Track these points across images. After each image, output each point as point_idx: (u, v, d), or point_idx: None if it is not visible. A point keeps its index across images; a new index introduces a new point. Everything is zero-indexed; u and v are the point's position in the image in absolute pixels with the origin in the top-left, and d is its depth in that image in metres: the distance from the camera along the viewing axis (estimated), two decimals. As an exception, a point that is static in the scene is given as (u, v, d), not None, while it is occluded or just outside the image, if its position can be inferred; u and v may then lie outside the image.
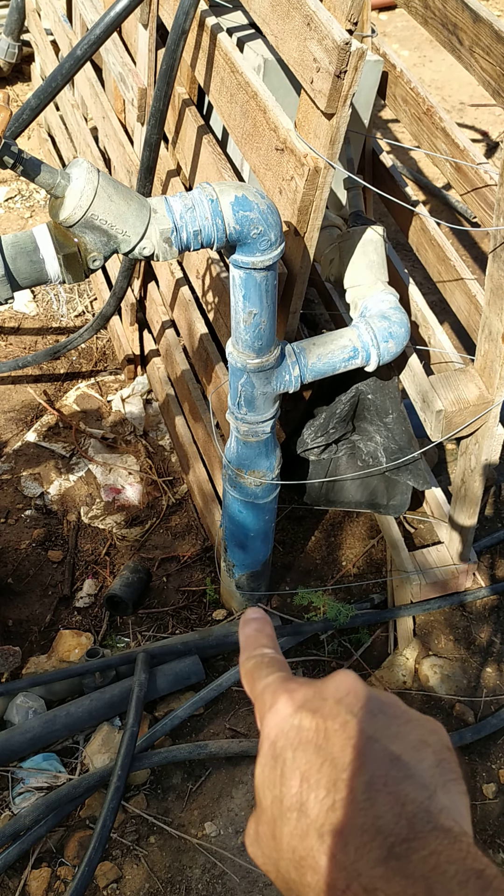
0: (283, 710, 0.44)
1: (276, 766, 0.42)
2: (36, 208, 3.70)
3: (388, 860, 0.36)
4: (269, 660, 0.51)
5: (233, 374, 1.71)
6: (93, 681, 2.04)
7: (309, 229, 1.65)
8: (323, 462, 2.08)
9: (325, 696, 0.43)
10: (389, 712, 0.42)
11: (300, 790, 0.40)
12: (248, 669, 0.51)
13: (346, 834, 0.37)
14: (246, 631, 0.54)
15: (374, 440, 2.05)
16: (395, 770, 0.38)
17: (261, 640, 0.53)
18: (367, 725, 0.41)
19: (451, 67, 4.95)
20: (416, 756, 0.40)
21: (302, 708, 0.43)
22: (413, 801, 0.37)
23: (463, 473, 2.09)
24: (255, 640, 0.53)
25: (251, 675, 0.50)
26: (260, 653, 0.52)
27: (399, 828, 0.36)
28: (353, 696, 0.43)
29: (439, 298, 2.60)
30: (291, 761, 0.41)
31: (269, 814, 0.42)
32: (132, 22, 2.33)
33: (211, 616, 2.30)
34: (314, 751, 0.41)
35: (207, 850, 1.85)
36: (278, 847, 0.41)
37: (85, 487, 2.64)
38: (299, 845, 0.39)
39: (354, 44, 1.35)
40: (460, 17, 1.64)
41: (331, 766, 0.39)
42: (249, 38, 2.05)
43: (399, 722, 0.42)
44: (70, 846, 1.85)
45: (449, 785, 0.39)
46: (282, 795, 0.41)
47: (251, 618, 0.55)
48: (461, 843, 0.36)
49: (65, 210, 1.32)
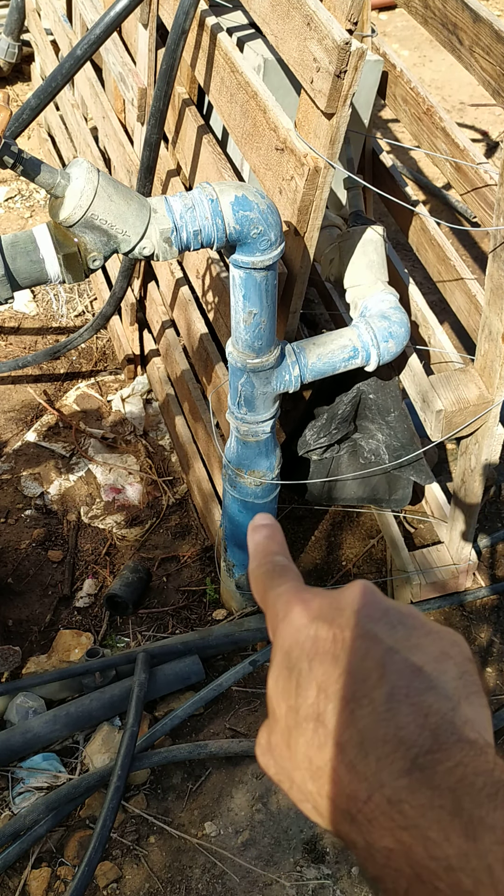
0: (297, 620, 0.43)
1: (291, 677, 0.41)
2: (36, 208, 3.70)
3: (413, 771, 0.35)
4: (281, 568, 0.48)
5: (233, 374, 1.71)
6: (93, 681, 2.04)
7: (309, 229, 1.65)
8: (325, 461, 2.09)
9: (342, 607, 0.42)
10: (409, 623, 0.41)
11: (317, 700, 0.39)
12: (258, 577, 0.49)
13: (367, 745, 0.36)
14: (255, 538, 0.51)
15: (377, 438, 2.05)
16: (417, 681, 0.37)
17: (271, 547, 0.50)
18: (386, 636, 0.39)
19: (451, 67, 4.95)
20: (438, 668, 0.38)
21: (318, 618, 0.42)
22: (436, 713, 0.36)
23: (463, 473, 2.09)
24: (266, 547, 0.50)
25: (262, 583, 0.48)
26: (271, 560, 0.49)
27: (423, 739, 0.35)
28: (371, 606, 0.41)
29: (439, 298, 2.60)
30: (307, 672, 0.40)
31: (284, 724, 0.41)
32: (132, 22, 2.33)
33: (211, 616, 2.30)
34: (332, 661, 0.39)
35: (207, 850, 1.85)
36: (293, 757, 0.40)
37: (85, 487, 2.64)
38: (317, 756, 0.38)
39: (354, 43, 1.35)
40: (460, 16, 1.63)
41: (349, 677, 0.38)
42: (249, 37, 2.05)
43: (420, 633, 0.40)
44: (70, 846, 1.85)
45: (472, 697, 0.38)
46: (297, 706, 0.40)
47: (260, 524, 0.52)
48: (487, 755, 0.35)
49: (65, 210, 1.32)
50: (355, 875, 1.84)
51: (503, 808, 0.33)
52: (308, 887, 1.81)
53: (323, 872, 1.84)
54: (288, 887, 1.80)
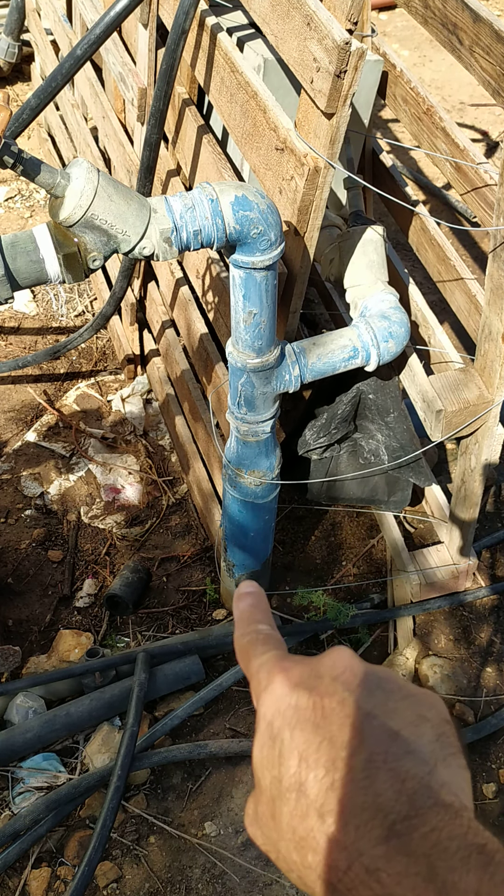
0: (278, 690, 0.43)
1: (274, 746, 0.41)
2: (36, 208, 3.70)
3: (390, 839, 0.35)
4: (265, 637, 0.49)
5: (233, 374, 1.71)
6: (93, 681, 2.04)
7: (309, 229, 1.65)
8: (324, 461, 2.09)
9: (321, 674, 0.42)
10: (387, 688, 0.41)
11: (298, 770, 0.39)
12: (242, 646, 0.49)
13: (347, 813, 0.36)
14: (240, 606, 0.52)
15: (376, 438, 2.05)
16: (395, 746, 0.38)
17: (255, 616, 0.51)
18: (364, 702, 0.40)
19: (451, 67, 4.95)
20: (415, 731, 0.39)
21: (298, 686, 0.42)
22: (413, 778, 0.36)
23: (463, 473, 2.09)
24: (250, 615, 0.51)
25: (246, 652, 0.49)
26: (255, 629, 0.50)
27: (400, 805, 0.36)
28: (349, 672, 0.42)
29: (439, 298, 2.60)
30: (289, 741, 0.40)
31: (269, 794, 0.41)
32: (132, 22, 2.33)
33: (211, 616, 2.30)
34: (312, 729, 0.40)
35: (207, 850, 1.85)
36: (278, 828, 0.40)
37: (85, 487, 2.64)
38: (299, 826, 0.38)
39: (354, 43, 1.35)
40: (460, 16, 1.63)
41: (329, 745, 0.39)
42: (249, 37, 2.05)
43: (396, 697, 0.41)
44: (70, 846, 1.85)
45: (449, 759, 0.39)
46: (280, 776, 0.40)
47: (245, 592, 0.53)
48: (462, 818, 0.35)
49: (65, 210, 1.32)
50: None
51: (475, 871, 0.34)
52: (308, 887, 1.81)
53: (323, 872, 1.83)
54: (288, 887, 1.80)
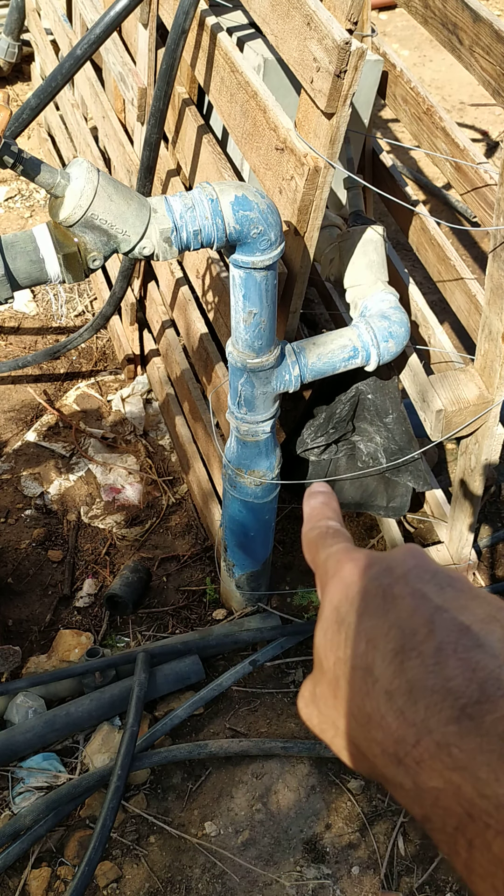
0: (348, 577, 0.45)
1: (341, 630, 0.43)
2: (36, 208, 3.70)
3: (461, 719, 0.36)
4: (334, 531, 0.51)
5: (232, 374, 1.71)
6: (93, 680, 2.04)
7: (309, 229, 1.65)
8: (323, 462, 2.08)
9: (392, 566, 0.43)
10: (457, 586, 0.42)
11: (366, 651, 0.40)
12: (311, 539, 0.51)
13: (416, 693, 0.37)
14: (311, 503, 0.54)
15: (374, 441, 2.05)
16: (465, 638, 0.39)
17: (325, 512, 0.53)
18: (435, 595, 0.41)
19: (451, 67, 4.95)
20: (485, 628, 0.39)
21: (367, 574, 0.44)
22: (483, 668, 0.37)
23: (463, 473, 2.09)
24: (321, 511, 0.53)
25: (314, 544, 0.51)
26: (325, 524, 0.52)
27: (470, 691, 0.36)
28: (421, 568, 0.43)
29: (439, 298, 2.60)
30: (357, 625, 0.42)
31: (332, 674, 0.42)
32: (132, 21, 2.33)
33: (211, 616, 2.30)
34: (381, 615, 0.41)
35: (207, 850, 1.85)
36: (340, 706, 0.42)
37: (85, 487, 2.64)
38: (365, 703, 0.40)
39: (354, 43, 1.35)
40: (460, 16, 1.63)
41: (398, 631, 0.40)
42: (249, 37, 2.05)
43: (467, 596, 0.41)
44: (70, 846, 1.85)
45: None
46: (346, 657, 0.41)
47: (317, 490, 0.55)
48: None
49: (65, 210, 1.32)
50: (355, 875, 1.84)
51: None
52: (308, 887, 1.81)
53: (323, 872, 1.84)
54: (288, 887, 1.80)
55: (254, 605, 2.25)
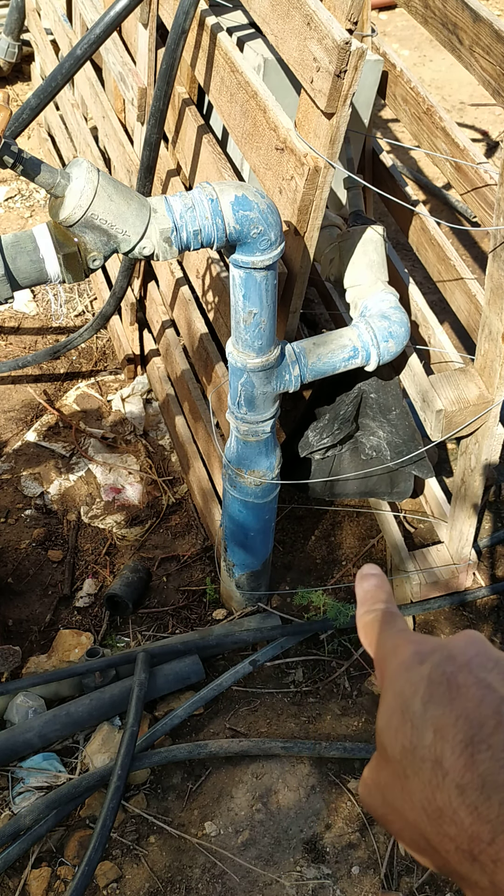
0: (409, 661, 0.44)
1: (406, 717, 0.42)
2: (36, 208, 3.70)
3: None
4: (391, 615, 0.51)
5: (233, 374, 1.71)
6: (93, 680, 2.04)
7: (309, 229, 1.65)
8: (327, 460, 2.09)
9: (454, 654, 0.43)
10: None
11: (434, 742, 0.39)
12: (366, 622, 0.51)
13: (489, 788, 0.37)
14: (364, 586, 0.54)
15: (378, 435, 2.06)
16: None
17: (380, 596, 0.53)
18: (501, 686, 0.40)
19: (451, 67, 4.95)
20: None
21: (430, 661, 0.43)
22: None
23: (463, 473, 2.09)
24: (375, 595, 0.53)
25: (371, 627, 0.50)
26: (380, 607, 0.52)
27: None
28: (483, 656, 0.42)
29: (439, 298, 2.60)
30: (422, 713, 0.41)
31: (399, 764, 0.42)
32: (132, 21, 2.33)
33: (211, 616, 2.30)
34: (447, 704, 0.40)
35: (207, 850, 1.85)
36: (408, 797, 0.41)
37: (85, 487, 2.64)
38: (435, 797, 0.39)
39: (354, 43, 1.35)
40: (460, 16, 1.63)
41: (466, 722, 0.39)
42: (249, 37, 2.05)
43: None
44: (70, 846, 1.85)
45: None
46: (413, 746, 0.40)
47: (369, 573, 0.55)
48: None
49: (65, 210, 1.32)
50: (355, 875, 1.84)
51: None
52: (308, 887, 1.81)
53: (323, 872, 1.84)
54: (288, 887, 1.80)
55: (254, 605, 2.25)
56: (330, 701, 2.13)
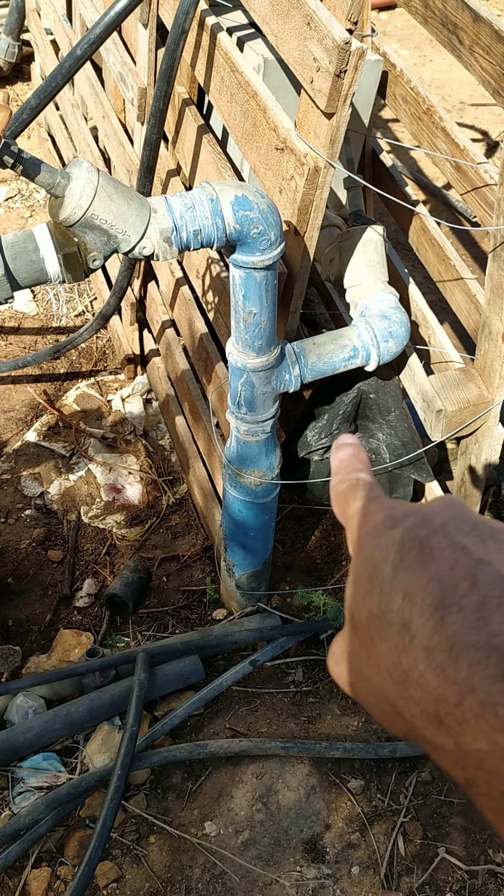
0: (381, 527, 0.42)
1: (374, 584, 0.40)
2: (36, 208, 3.70)
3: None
4: (364, 483, 0.49)
5: (233, 374, 1.71)
6: (93, 680, 2.04)
7: (309, 229, 1.65)
8: (325, 462, 2.09)
9: (429, 518, 0.41)
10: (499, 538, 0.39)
11: (403, 606, 0.38)
12: (340, 491, 0.49)
13: (458, 650, 0.35)
14: (339, 455, 0.52)
15: (377, 437, 2.05)
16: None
17: (355, 465, 0.51)
18: (476, 548, 0.38)
19: (451, 67, 4.95)
20: None
21: (402, 526, 0.41)
22: None
23: (463, 473, 2.09)
24: (349, 463, 0.51)
25: (344, 496, 0.48)
26: (354, 476, 0.50)
27: None
28: (460, 519, 0.40)
29: (439, 298, 2.60)
30: (391, 578, 0.39)
31: (365, 630, 0.40)
32: (132, 21, 2.33)
33: (211, 616, 2.30)
34: (418, 568, 0.38)
35: (207, 850, 1.85)
36: (374, 663, 0.40)
37: (85, 487, 2.64)
38: (401, 660, 0.38)
39: (354, 43, 1.35)
40: (460, 16, 1.63)
41: (437, 584, 0.37)
42: (249, 37, 2.05)
43: None
44: (70, 846, 1.85)
45: None
46: (381, 611, 0.39)
47: (345, 442, 0.53)
48: None
49: (65, 210, 1.32)
50: (355, 875, 1.84)
51: None
52: (308, 887, 1.81)
53: (323, 872, 1.83)
54: (288, 887, 1.80)
55: (254, 605, 2.25)
56: (330, 701, 2.13)
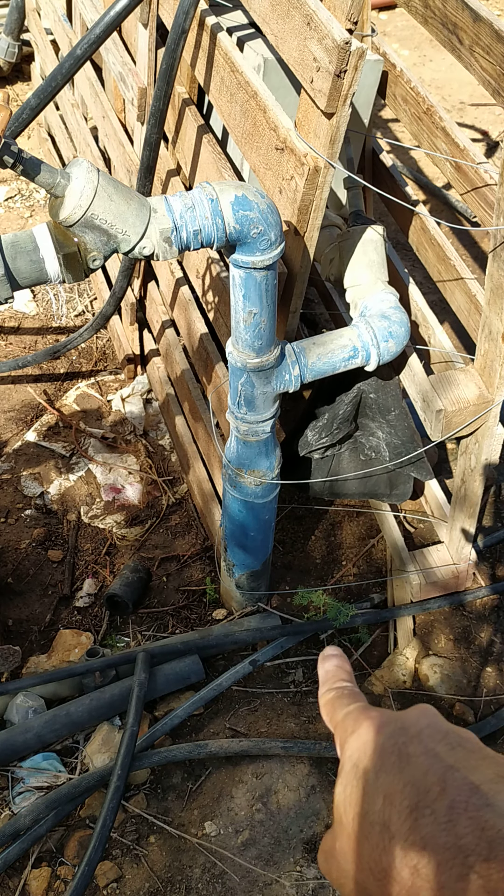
0: (365, 734, 0.48)
1: (358, 786, 0.45)
2: (36, 208, 3.70)
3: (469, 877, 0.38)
4: (349, 692, 0.55)
5: (233, 374, 1.71)
6: (93, 680, 2.04)
7: (309, 229, 1.65)
8: (326, 460, 2.09)
9: (406, 726, 0.46)
10: (467, 747, 0.45)
11: (383, 808, 0.43)
12: (328, 700, 0.55)
13: (429, 850, 0.40)
14: (326, 666, 0.59)
15: (377, 436, 2.06)
16: (475, 798, 0.41)
17: (340, 675, 0.57)
18: (447, 755, 0.43)
19: (451, 67, 4.95)
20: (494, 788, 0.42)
21: (383, 733, 0.47)
22: (492, 828, 0.39)
23: (463, 473, 2.09)
24: (335, 674, 0.58)
25: (332, 705, 0.55)
26: (340, 685, 0.56)
27: (479, 849, 0.39)
28: (433, 728, 0.45)
29: (439, 298, 2.60)
30: (374, 782, 0.44)
31: (351, 829, 0.45)
32: (132, 21, 2.32)
33: (211, 616, 2.30)
34: (397, 773, 0.43)
35: (207, 850, 1.85)
36: (358, 860, 0.44)
37: (85, 487, 2.64)
38: (381, 858, 0.42)
39: (354, 43, 1.35)
40: (460, 16, 1.63)
41: (413, 789, 0.42)
42: (249, 37, 2.05)
43: (477, 756, 0.44)
44: (70, 846, 1.85)
45: None
46: (364, 812, 0.44)
47: (331, 654, 0.60)
48: None
49: (65, 209, 1.32)
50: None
51: None
52: (308, 887, 1.81)
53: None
54: (288, 887, 1.80)
55: (254, 605, 2.25)
56: (330, 701, 2.12)
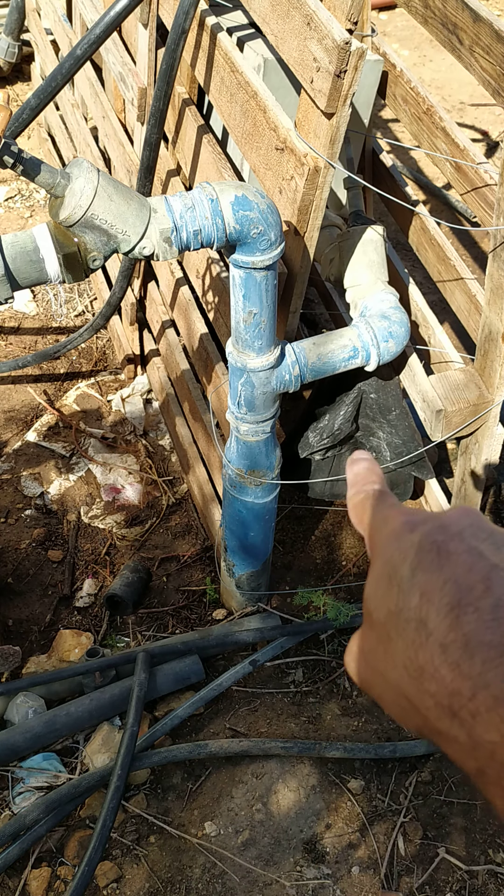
0: (400, 531, 0.45)
1: (392, 584, 0.42)
2: (36, 208, 3.70)
3: None
4: (381, 492, 0.52)
5: (233, 374, 1.71)
6: (93, 680, 2.04)
7: (309, 229, 1.65)
8: (327, 460, 2.09)
9: (446, 524, 0.43)
10: None
11: (420, 604, 0.40)
12: (358, 502, 0.52)
13: (473, 647, 0.37)
14: (354, 469, 0.55)
15: (377, 436, 2.06)
16: None
17: (370, 477, 0.54)
18: (491, 554, 0.40)
19: (451, 67, 4.95)
20: None
21: (421, 530, 0.43)
22: None
23: (463, 473, 2.09)
24: (365, 476, 0.54)
25: (362, 505, 0.51)
26: (370, 487, 0.53)
27: None
28: (476, 527, 0.42)
29: (439, 298, 2.60)
30: (409, 578, 0.41)
31: (383, 627, 0.42)
32: (132, 21, 2.33)
33: (211, 616, 2.30)
34: (436, 569, 0.41)
35: (207, 850, 1.85)
36: (391, 658, 0.42)
37: (85, 487, 2.64)
38: (417, 655, 0.39)
39: (354, 43, 1.35)
40: (460, 16, 1.63)
41: (454, 586, 0.39)
42: (249, 37, 2.05)
43: None
44: (70, 846, 1.85)
45: None
46: (398, 609, 0.41)
47: (360, 458, 0.56)
48: None
49: (65, 210, 1.32)
50: (355, 875, 1.84)
51: None
52: (308, 887, 1.81)
53: (323, 872, 1.83)
54: (288, 887, 1.80)
55: (254, 605, 2.25)
56: (330, 701, 2.13)
